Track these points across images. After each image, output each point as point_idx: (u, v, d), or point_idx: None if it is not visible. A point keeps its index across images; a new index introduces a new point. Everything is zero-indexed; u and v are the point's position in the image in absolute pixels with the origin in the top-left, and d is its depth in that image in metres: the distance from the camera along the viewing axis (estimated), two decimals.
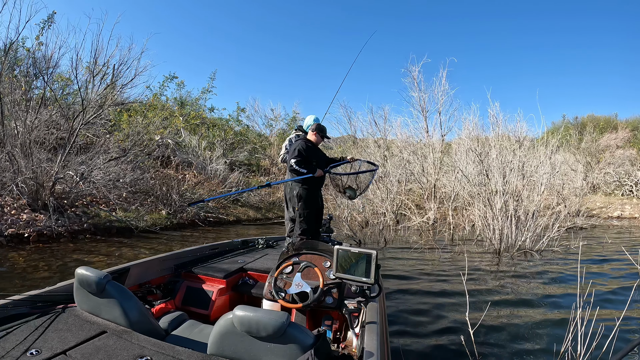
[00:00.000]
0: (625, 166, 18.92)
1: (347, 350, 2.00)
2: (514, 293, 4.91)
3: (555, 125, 25.50)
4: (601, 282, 5.37)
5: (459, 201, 11.38)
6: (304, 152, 3.89)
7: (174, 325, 2.06)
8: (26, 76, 8.61)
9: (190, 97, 17.88)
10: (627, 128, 23.88)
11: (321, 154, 4.22)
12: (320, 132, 4.10)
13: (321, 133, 4.10)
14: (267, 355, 1.35)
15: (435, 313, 4.12)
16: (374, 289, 2.18)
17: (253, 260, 3.31)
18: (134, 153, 10.02)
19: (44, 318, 1.65)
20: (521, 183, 8.13)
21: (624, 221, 14.42)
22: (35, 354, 1.36)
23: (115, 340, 1.50)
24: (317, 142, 4.13)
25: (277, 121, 20.63)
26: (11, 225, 6.40)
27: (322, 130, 4.11)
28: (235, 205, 12.42)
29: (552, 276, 5.78)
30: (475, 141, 10.87)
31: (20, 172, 6.87)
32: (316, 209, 4.08)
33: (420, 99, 15.63)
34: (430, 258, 6.98)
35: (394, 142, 15.77)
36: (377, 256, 1.99)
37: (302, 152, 3.88)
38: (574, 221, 8.88)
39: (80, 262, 5.51)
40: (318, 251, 2.58)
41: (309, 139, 4.10)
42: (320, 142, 4.17)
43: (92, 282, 1.62)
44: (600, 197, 17.95)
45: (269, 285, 2.38)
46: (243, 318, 1.32)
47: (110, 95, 8.45)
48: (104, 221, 7.82)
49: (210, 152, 14.30)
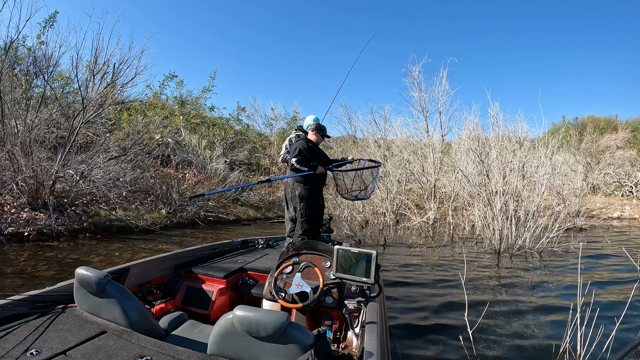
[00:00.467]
0: (625, 167, 18.89)
1: (347, 350, 2.00)
2: (514, 293, 4.92)
3: (555, 126, 25.55)
4: (601, 282, 5.38)
5: (459, 201, 11.37)
6: (305, 152, 3.93)
7: (174, 325, 2.06)
8: (26, 75, 8.61)
9: (190, 96, 17.90)
10: (627, 129, 23.82)
11: (322, 153, 4.25)
12: (320, 131, 4.16)
13: (321, 132, 4.16)
14: (267, 355, 1.35)
15: (434, 313, 4.13)
16: (374, 289, 2.18)
17: (253, 260, 3.31)
18: (134, 152, 10.02)
19: (44, 318, 1.64)
20: (521, 183, 8.13)
21: (624, 222, 14.42)
22: (35, 354, 1.36)
23: (115, 340, 1.50)
24: (317, 142, 4.17)
25: (277, 120, 20.65)
26: (11, 224, 6.40)
27: (321, 130, 4.17)
28: (235, 205, 12.43)
29: (552, 276, 5.78)
30: (476, 141, 10.86)
31: (20, 170, 6.87)
32: (318, 209, 4.11)
33: (420, 98, 15.60)
34: (430, 258, 6.99)
35: (394, 142, 15.73)
36: (377, 256, 1.99)
37: (303, 151, 3.92)
38: (573, 222, 8.88)
39: (80, 261, 5.51)
40: (318, 251, 2.58)
41: (310, 139, 4.15)
42: (321, 141, 4.21)
43: (92, 282, 1.62)
44: (600, 198, 17.94)
45: (269, 285, 2.37)
46: (243, 318, 1.32)
47: (111, 94, 8.45)
48: (103, 220, 7.82)
49: (210, 152, 14.30)
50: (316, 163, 3.94)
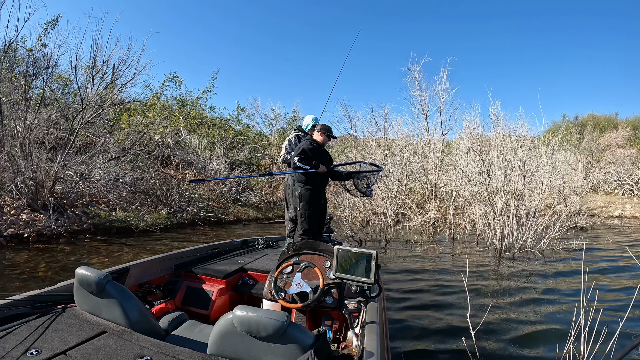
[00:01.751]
0: (626, 165, 18.90)
1: (347, 350, 1.99)
2: (516, 293, 4.90)
3: (556, 125, 25.50)
4: (605, 282, 5.36)
5: (460, 200, 11.36)
6: (309, 152, 3.83)
7: (174, 325, 2.06)
8: (26, 76, 8.59)
9: (190, 96, 17.88)
10: (628, 127, 23.82)
11: (326, 155, 4.12)
12: (327, 132, 4.02)
13: (327, 133, 4.02)
14: (267, 355, 1.34)
15: (435, 313, 4.12)
16: (374, 289, 2.17)
17: (253, 260, 3.31)
18: (134, 153, 10.00)
19: (44, 318, 1.64)
20: (522, 182, 8.11)
21: (625, 220, 14.41)
22: (35, 354, 1.36)
23: (115, 340, 1.50)
24: (323, 143, 4.03)
25: (277, 120, 20.62)
26: (11, 225, 6.39)
27: (328, 130, 4.03)
28: (235, 205, 12.42)
29: (554, 276, 5.77)
30: (477, 140, 10.85)
31: (19, 172, 6.86)
32: (319, 209, 4.01)
33: (421, 98, 15.58)
34: (431, 258, 6.97)
35: (394, 142, 15.70)
36: (377, 256, 1.98)
37: (307, 151, 3.82)
38: (575, 221, 8.86)
39: (80, 262, 5.50)
40: (318, 251, 2.58)
41: (315, 139, 4.02)
42: (327, 142, 4.08)
43: (92, 282, 1.62)
44: (600, 197, 17.94)
45: (269, 285, 2.37)
46: (243, 318, 1.32)
47: (110, 95, 8.43)
48: (103, 221, 7.81)
49: (210, 152, 14.27)
50: (318, 162, 3.84)
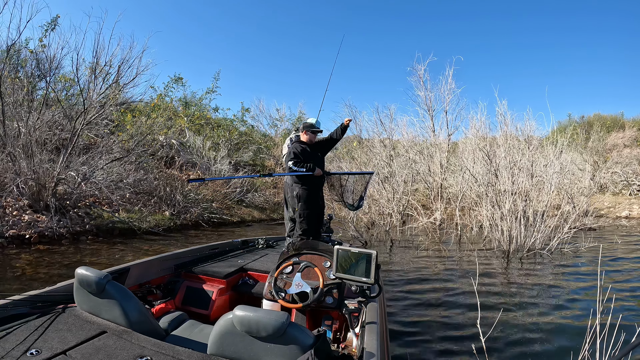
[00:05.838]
0: (633, 165, 18.69)
1: (347, 350, 2.00)
2: (525, 296, 4.79)
3: (562, 125, 25.30)
4: (619, 284, 5.21)
5: (466, 201, 11.27)
6: (300, 155, 4.03)
7: (174, 325, 2.07)
8: (30, 77, 8.63)
9: (194, 97, 17.95)
10: (634, 127, 23.60)
11: (315, 153, 4.26)
12: (309, 128, 4.20)
13: (310, 129, 4.20)
14: (267, 355, 1.35)
15: (440, 315, 4.08)
16: (374, 289, 2.19)
17: (253, 261, 3.32)
18: (137, 153, 10.02)
19: (44, 318, 1.66)
20: (530, 183, 8.01)
21: (632, 221, 14.22)
22: (35, 354, 1.37)
23: (115, 340, 1.51)
24: (310, 140, 4.21)
25: (282, 121, 20.70)
26: (12, 226, 6.41)
27: (310, 127, 4.22)
28: (239, 206, 12.43)
29: (565, 278, 5.66)
30: (483, 140, 10.76)
31: (21, 172, 6.87)
32: (317, 209, 4.15)
33: (426, 97, 15.43)
34: (437, 259, 6.90)
35: (399, 142, 15.62)
36: (377, 256, 2.00)
37: (298, 154, 4.02)
38: (582, 221, 8.74)
39: (81, 264, 5.47)
40: (318, 251, 2.59)
41: (302, 140, 4.22)
42: (314, 138, 4.26)
43: (92, 282, 1.64)
44: (608, 197, 17.74)
45: (269, 285, 2.38)
46: (243, 318, 1.32)
47: (112, 95, 8.43)
48: (106, 222, 7.82)
49: (215, 153, 14.31)
50: (313, 165, 4.00)
